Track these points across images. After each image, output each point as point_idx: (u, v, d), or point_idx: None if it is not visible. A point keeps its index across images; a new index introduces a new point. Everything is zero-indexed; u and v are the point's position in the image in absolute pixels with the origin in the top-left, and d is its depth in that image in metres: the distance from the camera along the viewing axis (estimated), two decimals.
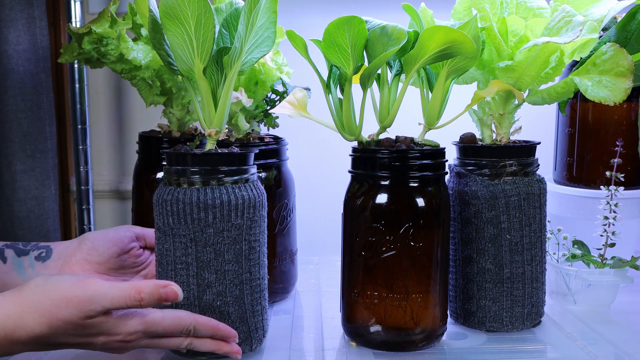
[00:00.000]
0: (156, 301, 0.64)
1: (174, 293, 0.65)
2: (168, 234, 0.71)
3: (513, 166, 0.81)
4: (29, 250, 0.79)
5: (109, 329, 0.64)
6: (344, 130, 0.79)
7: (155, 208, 0.72)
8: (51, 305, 0.62)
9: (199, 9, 0.67)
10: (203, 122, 0.73)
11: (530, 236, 0.82)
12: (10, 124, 1.13)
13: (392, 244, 0.75)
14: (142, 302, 0.64)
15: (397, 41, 0.72)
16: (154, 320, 0.66)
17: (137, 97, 1.24)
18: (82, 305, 0.62)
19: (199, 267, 0.71)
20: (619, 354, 0.77)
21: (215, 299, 0.71)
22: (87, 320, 0.62)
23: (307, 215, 1.18)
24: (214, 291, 0.71)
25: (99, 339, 0.64)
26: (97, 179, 1.27)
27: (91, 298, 0.62)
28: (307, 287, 1.03)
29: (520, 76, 0.80)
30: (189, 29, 0.68)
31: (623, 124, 1.01)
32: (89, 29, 0.85)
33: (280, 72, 0.92)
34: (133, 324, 0.65)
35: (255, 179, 0.75)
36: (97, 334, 0.64)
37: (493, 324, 0.82)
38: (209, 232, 0.70)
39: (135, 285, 0.64)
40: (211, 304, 0.71)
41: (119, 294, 0.63)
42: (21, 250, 0.79)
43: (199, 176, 0.71)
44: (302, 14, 1.19)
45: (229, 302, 0.72)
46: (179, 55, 0.70)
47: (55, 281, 0.63)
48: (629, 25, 0.81)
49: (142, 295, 0.63)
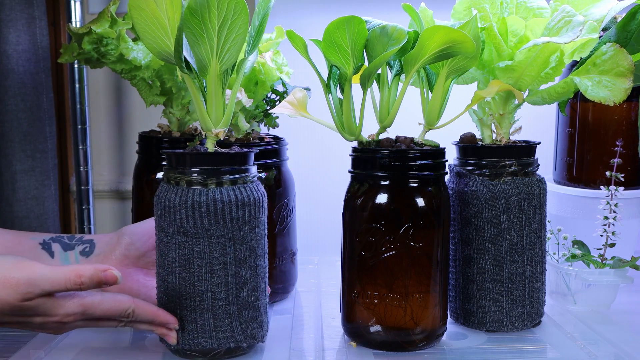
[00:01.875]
0: (96, 285, 0.65)
1: (113, 276, 0.65)
2: (201, 236, 0.70)
3: (513, 166, 0.81)
4: (75, 244, 0.80)
5: (46, 310, 0.64)
6: (344, 130, 0.79)
7: (180, 211, 0.70)
8: None
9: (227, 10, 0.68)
10: (209, 121, 0.73)
11: (530, 236, 0.82)
12: (10, 124, 1.13)
13: (392, 244, 0.75)
14: (82, 286, 0.64)
15: (397, 41, 0.72)
16: (93, 303, 0.66)
17: (137, 97, 1.24)
18: (20, 287, 0.62)
19: (237, 266, 0.72)
20: (619, 354, 0.77)
21: (250, 295, 0.73)
22: (24, 302, 0.63)
23: (307, 215, 1.18)
24: (249, 287, 0.73)
25: (36, 320, 0.65)
26: (97, 179, 1.27)
27: (30, 280, 0.62)
28: (307, 287, 1.03)
29: (520, 76, 0.80)
30: (212, 28, 0.68)
31: (623, 124, 1.01)
32: (89, 29, 0.85)
33: (280, 72, 0.92)
34: (71, 306, 0.65)
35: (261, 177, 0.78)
36: (34, 315, 0.64)
37: (493, 324, 0.82)
38: (245, 229, 0.72)
39: (76, 268, 0.64)
40: (246, 299, 0.73)
41: (58, 277, 0.63)
42: (67, 245, 0.80)
43: (230, 175, 0.72)
44: (302, 14, 1.19)
45: (259, 297, 0.74)
46: (196, 53, 0.70)
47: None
48: (629, 25, 0.81)
49: (82, 279, 0.64)
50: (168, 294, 0.72)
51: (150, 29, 0.68)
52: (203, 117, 0.73)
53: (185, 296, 0.71)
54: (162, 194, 0.72)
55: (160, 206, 0.71)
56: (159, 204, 0.72)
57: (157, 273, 0.74)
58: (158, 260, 0.73)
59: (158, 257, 0.73)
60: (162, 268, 0.73)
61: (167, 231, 0.71)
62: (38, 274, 0.63)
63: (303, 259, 1.07)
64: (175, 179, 0.71)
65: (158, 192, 0.72)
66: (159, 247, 0.73)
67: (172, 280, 0.71)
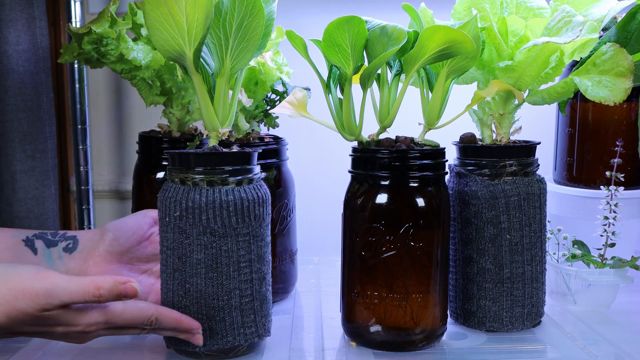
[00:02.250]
0: (115, 297, 0.64)
1: (132, 289, 0.64)
2: (229, 234, 0.70)
3: (513, 166, 0.81)
4: (58, 241, 0.79)
5: (67, 321, 0.64)
6: (344, 130, 0.79)
7: (207, 212, 0.70)
8: (9, 295, 0.62)
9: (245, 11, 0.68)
10: (216, 121, 0.73)
11: (530, 236, 0.82)
12: (10, 124, 1.13)
13: (392, 244, 0.75)
14: (101, 298, 0.63)
15: (397, 41, 0.72)
16: (115, 312, 0.66)
17: (137, 97, 1.24)
18: (39, 298, 0.62)
19: (258, 262, 0.73)
20: (619, 354, 0.77)
21: (267, 289, 0.75)
22: (43, 313, 0.62)
23: (307, 215, 1.18)
24: (266, 282, 0.75)
25: (58, 329, 0.64)
26: (97, 179, 1.27)
27: (48, 291, 0.62)
28: (307, 287, 1.03)
29: (520, 76, 0.80)
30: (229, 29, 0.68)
31: (623, 124, 1.01)
32: (89, 29, 0.85)
33: (280, 72, 0.92)
34: (93, 315, 0.65)
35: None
36: (55, 325, 0.64)
37: (493, 324, 0.82)
38: (263, 226, 0.73)
39: (94, 280, 0.63)
40: (265, 294, 0.74)
41: (77, 289, 0.63)
42: (50, 241, 0.79)
43: (248, 174, 0.73)
44: (302, 14, 1.19)
45: (270, 291, 0.76)
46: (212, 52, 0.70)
47: (15, 271, 0.63)
48: (629, 25, 0.81)
49: (101, 291, 0.63)
50: (190, 297, 0.71)
51: (163, 26, 0.67)
52: (210, 117, 0.73)
53: (212, 296, 0.71)
54: (181, 196, 0.70)
55: (179, 208, 0.70)
56: (176, 206, 0.70)
57: (170, 277, 0.72)
58: (172, 264, 0.71)
59: (172, 260, 0.71)
60: (179, 271, 0.71)
61: (190, 233, 0.70)
62: (57, 285, 0.62)
63: (303, 259, 1.07)
64: (194, 180, 0.71)
65: (172, 194, 0.71)
66: (176, 250, 0.71)
67: (195, 282, 0.71)
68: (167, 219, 0.71)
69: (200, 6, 0.66)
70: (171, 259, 0.72)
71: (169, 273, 0.72)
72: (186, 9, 0.66)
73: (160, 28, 0.67)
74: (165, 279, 0.73)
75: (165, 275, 0.73)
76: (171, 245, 0.71)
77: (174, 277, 0.72)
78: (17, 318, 0.62)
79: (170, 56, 0.70)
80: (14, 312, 0.62)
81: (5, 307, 0.61)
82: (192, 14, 0.66)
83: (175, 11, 0.66)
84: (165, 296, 0.73)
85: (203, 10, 0.66)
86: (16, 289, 0.62)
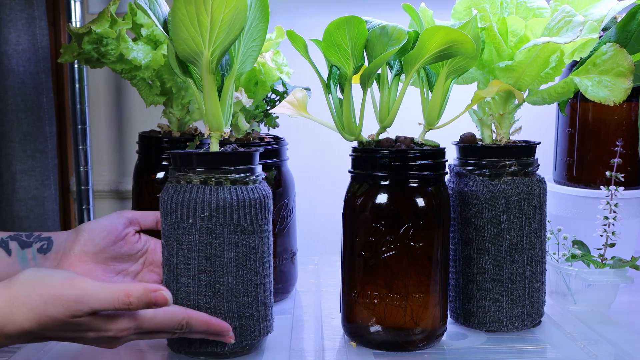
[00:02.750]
0: (145, 305, 0.64)
1: (163, 298, 0.64)
2: (256, 232, 0.72)
3: (513, 166, 0.81)
4: (32, 242, 0.79)
5: (98, 327, 0.64)
6: (344, 130, 0.79)
7: (238, 210, 0.70)
8: (40, 301, 0.62)
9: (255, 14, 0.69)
10: (222, 122, 0.73)
11: (530, 236, 0.82)
12: (10, 124, 1.13)
13: (392, 244, 0.75)
14: (131, 306, 0.63)
15: (397, 41, 0.72)
16: (145, 317, 0.66)
17: (137, 97, 1.24)
18: (69, 304, 0.62)
19: (273, 256, 0.76)
20: (619, 354, 0.77)
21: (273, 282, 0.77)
22: (73, 319, 0.62)
23: (307, 215, 1.18)
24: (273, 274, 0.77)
25: (89, 335, 0.64)
26: (97, 179, 1.27)
27: (79, 298, 0.62)
28: (307, 287, 1.03)
29: (520, 76, 0.80)
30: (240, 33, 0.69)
31: (623, 124, 1.01)
32: (89, 29, 0.85)
33: (280, 72, 0.92)
34: (123, 321, 0.65)
35: None
36: (87, 330, 0.64)
37: (493, 324, 0.82)
38: (271, 221, 0.75)
39: (125, 288, 0.63)
40: (273, 286, 0.77)
41: (107, 296, 0.63)
42: (24, 242, 0.79)
43: (259, 173, 0.75)
44: (302, 14, 1.19)
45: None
46: None
47: (45, 276, 0.63)
48: (629, 26, 0.81)
49: (131, 299, 0.63)
50: (220, 296, 0.71)
51: (187, 24, 0.67)
52: (218, 117, 0.73)
53: (243, 293, 0.72)
54: (209, 196, 0.70)
55: (208, 208, 0.70)
56: (205, 207, 0.70)
57: (194, 279, 0.71)
58: (198, 266, 0.70)
59: (198, 261, 0.70)
60: (206, 272, 0.71)
61: (221, 232, 0.70)
62: (87, 293, 0.62)
63: (303, 259, 1.07)
64: (217, 179, 0.71)
65: (196, 196, 0.70)
66: (202, 251, 0.70)
67: (227, 281, 0.71)
68: (191, 221, 0.70)
69: (228, 7, 0.66)
70: (196, 261, 0.71)
71: (192, 276, 0.71)
72: (212, 9, 0.66)
73: (182, 27, 0.68)
74: (186, 283, 0.71)
75: (187, 279, 0.71)
76: (196, 247, 0.70)
77: (199, 279, 0.71)
78: (48, 324, 0.62)
79: (185, 54, 0.70)
80: (44, 318, 0.62)
81: (35, 313, 0.62)
82: (217, 15, 0.67)
83: (202, 10, 0.66)
84: (188, 300, 0.71)
85: (230, 12, 0.66)
86: (47, 295, 0.62)
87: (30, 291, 0.62)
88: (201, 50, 0.69)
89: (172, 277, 0.72)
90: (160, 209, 0.73)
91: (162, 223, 0.73)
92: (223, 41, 0.69)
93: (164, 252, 0.74)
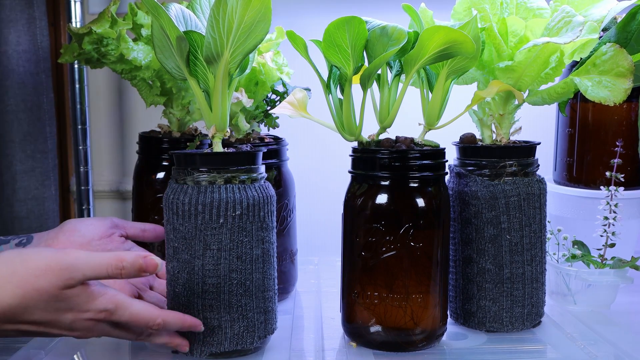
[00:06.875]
0: (137, 271, 0.64)
1: (153, 263, 0.64)
2: (273, 228, 0.75)
3: (513, 166, 0.81)
4: (10, 239, 0.79)
5: (80, 304, 0.63)
6: (344, 130, 0.79)
7: (264, 208, 0.72)
8: (28, 274, 0.61)
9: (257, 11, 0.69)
10: (221, 122, 0.74)
11: (530, 236, 0.82)
12: (10, 124, 1.13)
13: (392, 244, 0.75)
14: (123, 271, 0.63)
15: (397, 41, 0.72)
16: (125, 302, 0.65)
17: (137, 97, 1.24)
18: (62, 273, 0.61)
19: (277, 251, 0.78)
20: (619, 354, 0.77)
21: None
22: (64, 290, 0.62)
23: (307, 215, 1.18)
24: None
25: (67, 316, 0.63)
26: (97, 179, 1.27)
27: (72, 265, 0.62)
28: (307, 287, 1.03)
29: (520, 76, 0.80)
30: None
31: (623, 124, 1.01)
32: (89, 29, 0.85)
33: (280, 72, 0.92)
34: (103, 301, 0.64)
35: None
36: (67, 310, 0.63)
37: (493, 324, 0.82)
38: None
39: (117, 253, 0.64)
40: None
41: (100, 262, 0.63)
42: (2, 240, 0.79)
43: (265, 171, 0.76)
44: (302, 14, 1.19)
45: None
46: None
47: (34, 252, 0.63)
48: (629, 26, 0.81)
49: (124, 263, 0.63)
50: (249, 293, 0.72)
51: (218, 24, 0.68)
52: (224, 117, 0.74)
53: (268, 288, 0.74)
54: (239, 195, 0.70)
55: (239, 207, 0.70)
56: (237, 205, 0.70)
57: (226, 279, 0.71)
58: (229, 265, 0.71)
59: (229, 261, 0.71)
60: (237, 271, 0.71)
61: (250, 230, 0.71)
62: (80, 259, 0.62)
63: (303, 259, 1.07)
64: (240, 179, 0.72)
65: (226, 195, 0.70)
66: (234, 250, 0.71)
67: (256, 277, 0.72)
68: (222, 221, 0.70)
69: (252, 10, 0.67)
70: (227, 260, 0.71)
71: (223, 275, 0.71)
72: (239, 10, 0.67)
73: (211, 25, 0.68)
74: (215, 283, 0.71)
75: (216, 279, 0.71)
76: (227, 246, 0.71)
77: (230, 279, 0.71)
78: (32, 299, 0.61)
79: (208, 54, 0.70)
80: (31, 292, 0.61)
81: (22, 287, 0.61)
82: (242, 16, 0.67)
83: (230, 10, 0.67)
84: (217, 300, 0.71)
85: (253, 15, 0.67)
86: (38, 268, 0.61)
87: (17, 266, 0.61)
88: (222, 52, 0.70)
89: (196, 280, 0.71)
90: (176, 212, 0.71)
91: (179, 227, 0.71)
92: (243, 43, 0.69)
93: (179, 256, 0.71)
